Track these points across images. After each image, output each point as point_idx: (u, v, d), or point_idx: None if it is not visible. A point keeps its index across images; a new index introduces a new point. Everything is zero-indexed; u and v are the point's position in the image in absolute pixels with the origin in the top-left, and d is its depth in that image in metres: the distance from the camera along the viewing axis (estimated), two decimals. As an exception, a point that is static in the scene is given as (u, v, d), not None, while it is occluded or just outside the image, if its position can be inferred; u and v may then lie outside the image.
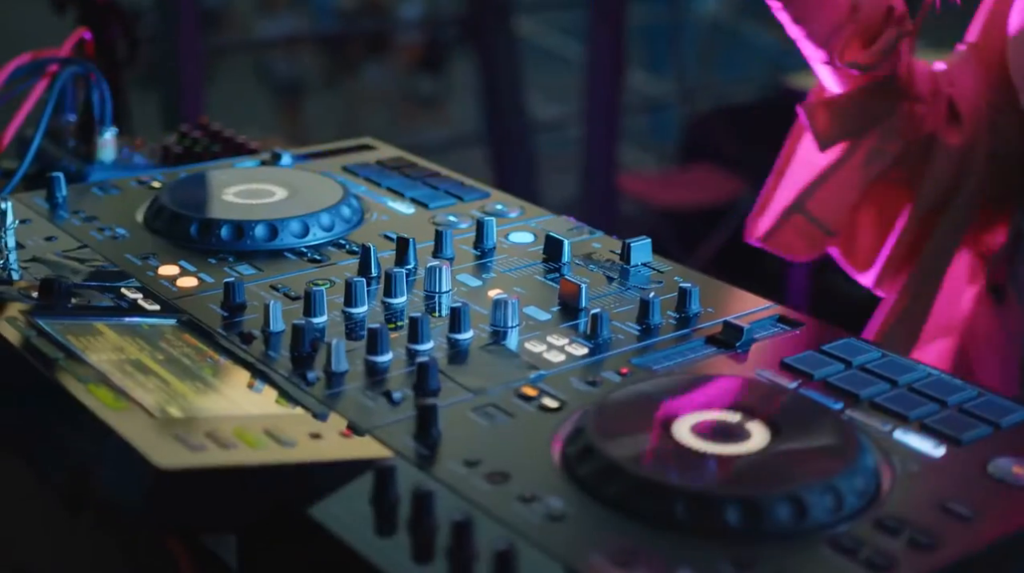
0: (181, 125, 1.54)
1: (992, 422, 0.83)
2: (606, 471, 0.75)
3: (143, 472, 0.70)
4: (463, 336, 0.94)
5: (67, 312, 0.92)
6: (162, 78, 2.85)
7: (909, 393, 0.87)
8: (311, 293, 0.96)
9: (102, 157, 1.38)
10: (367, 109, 5.79)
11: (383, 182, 1.25)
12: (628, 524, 0.73)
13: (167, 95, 2.82)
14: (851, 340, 0.95)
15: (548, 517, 0.73)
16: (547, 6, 5.25)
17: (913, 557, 0.70)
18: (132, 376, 0.83)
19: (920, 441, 0.81)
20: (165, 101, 2.80)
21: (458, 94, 5.60)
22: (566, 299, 1.00)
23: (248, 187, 1.19)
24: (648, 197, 3.79)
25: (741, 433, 0.79)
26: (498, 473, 0.77)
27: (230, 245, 1.09)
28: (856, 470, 0.75)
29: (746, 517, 0.72)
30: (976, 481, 0.78)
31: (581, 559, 0.69)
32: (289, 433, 0.78)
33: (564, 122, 4.71)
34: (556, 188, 4.32)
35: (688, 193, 3.84)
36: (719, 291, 1.03)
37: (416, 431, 0.81)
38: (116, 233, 1.12)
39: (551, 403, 0.85)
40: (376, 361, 0.90)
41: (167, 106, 2.82)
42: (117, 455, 0.72)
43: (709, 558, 0.70)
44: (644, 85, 4.81)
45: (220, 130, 1.51)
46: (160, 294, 1.00)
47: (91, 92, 1.39)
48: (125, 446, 0.72)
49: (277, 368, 0.89)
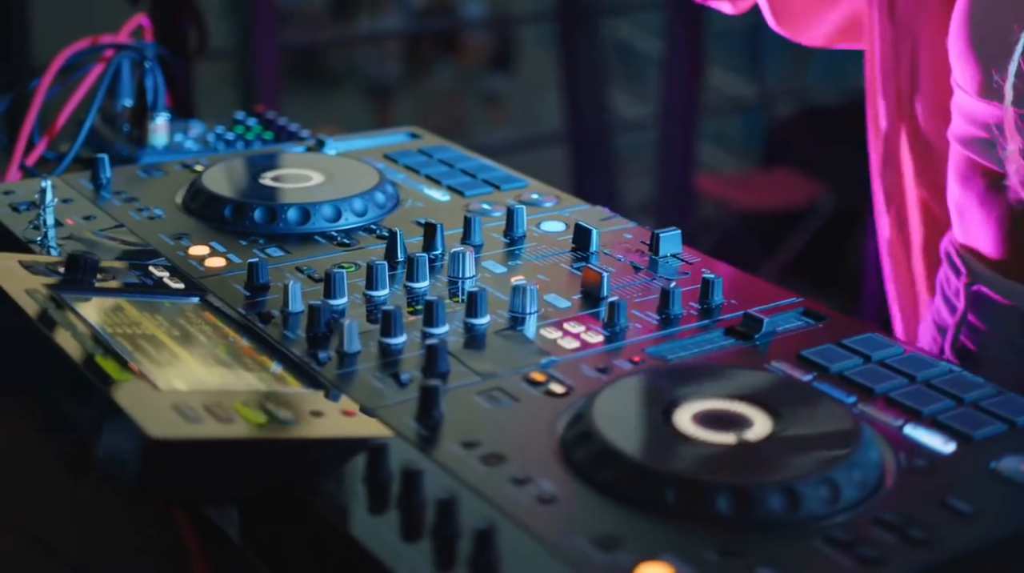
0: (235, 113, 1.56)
1: (1007, 420, 0.81)
2: (599, 456, 0.75)
3: (136, 440, 0.71)
4: (480, 321, 0.94)
5: (91, 288, 0.94)
6: (239, 74, 2.89)
7: (926, 389, 0.85)
8: (331, 275, 0.96)
9: (153, 142, 1.41)
10: (441, 108, 5.81)
11: (422, 170, 1.25)
12: (619, 510, 0.72)
13: (244, 91, 2.86)
14: (874, 335, 0.93)
15: (538, 499, 0.73)
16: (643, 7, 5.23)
17: (906, 553, 0.69)
18: (144, 350, 0.84)
19: (930, 437, 0.80)
20: (242, 97, 2.84)
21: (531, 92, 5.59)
22: (588, 288, 1.00)
23: (286, 172, 1.20)
24: (726, 199, 3.76)
25: (743, 423, 0.78)
26: (495, 455, 0.77)
27: (263, 228, 1.10)
28: (855, 463, 0.74)
29: (737, 506, 0.71)
30: (983, 479, 0.76)
31: (564, 542, 0.69)
32: (290, 410, 0.78)
33: (653, 123, 4.69)
34: (639, 189, 4.30)
35: (767, 196, 3.81)
36: (745, 284, 1.02)
37: (418, 412, 0.81)
38: (153, 214, 1.13)
39: (558, 389, 0.85)
40: (390, 343, 0.90)
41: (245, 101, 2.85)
42: (114, 423, 0.73)
43: (694, 545, 0.69)
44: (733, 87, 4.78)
45: (274, 119, 1.52)
46: (187, 273, 1.01)
47: (144, 78, 1.41)
48: (122, 414, 0.73)
49: (292, 347, 0.90)
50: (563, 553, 0.68)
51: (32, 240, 1.07)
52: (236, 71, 2.91)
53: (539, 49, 5.21)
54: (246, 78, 2.83)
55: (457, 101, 5.89)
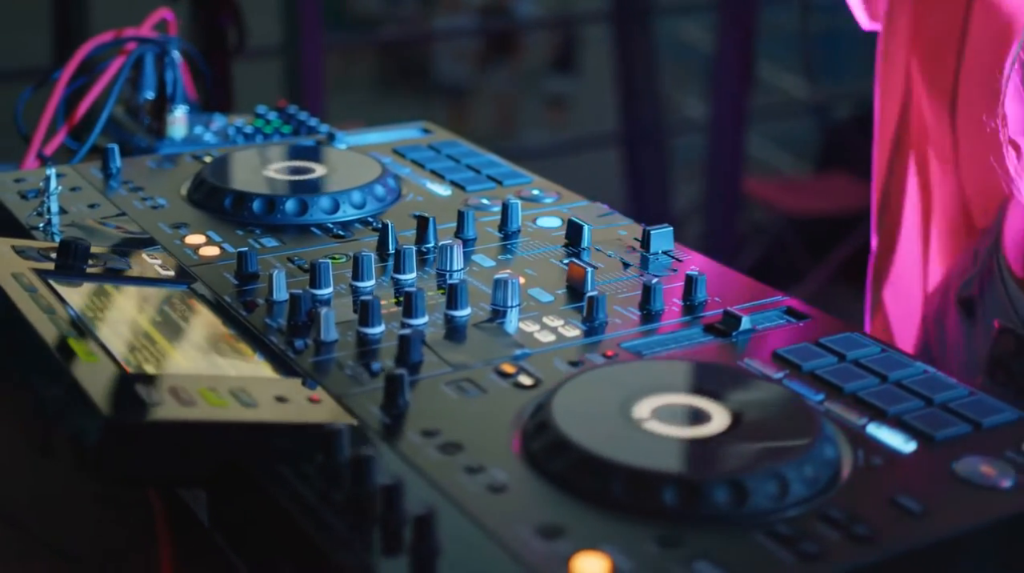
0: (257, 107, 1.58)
1: (973, 421, 0.81)
2: (552, 446, 0.76)
3: (94, 421, 0.72)
4: (460, 313, 0.95)
5: (81, 273, 0.95)
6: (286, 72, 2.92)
7: (896, 389, 0.85)
8: (316, 265, 0.98)
9: (171, 134, 1.43)
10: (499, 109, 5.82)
11: (428, 164, 1.26)
12: (568, 500, 0.72)
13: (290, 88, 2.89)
14: (853, 335, 0.93)
15: (489, 488, 0.74)
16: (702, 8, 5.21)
17: (846, 549, 0.69)
18: (121, 334, 0.86)
19: (892, 436, 0.79)
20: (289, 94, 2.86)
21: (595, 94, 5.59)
22: (573, 283, 1.00)
23: (290, 164, 1.21)
24: (774, 202, 3.74)
25: (702, 417, 0.79)
26: (453, 444, 0.78)
27: (262, 219, 1.12)
28: (807, 460, 0.74)
29: (683, 499, 0.71)
30: (939, 479, 0.75)
31: (507, 530, 0.69)
32: (255, 395, 0.80)
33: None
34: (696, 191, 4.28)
35: (817, 201, 3.78)
36: (733, 282, 1.02)
37: (383, 400, 0.82)
38: (157, 203, 1.15)
39: (526, 381, 0.86)
40: (367, 333, 0.91)
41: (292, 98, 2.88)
42: (77, 404, 0.75)
43: (636, 537, 0.69)
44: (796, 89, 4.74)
45: (295, 113, 1.54)
46: (181, 261, 1.03)
47: (164, 71, 1.44)
48: (83, 395, 0.74)
49: (272, 335, 0.91)
50: (503, 541, 0.69)
51: (35, 226, 1.09)
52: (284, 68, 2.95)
53: (604, 50, 5.21)
54: (292, 75, 2.86)
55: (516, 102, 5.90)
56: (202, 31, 2.21)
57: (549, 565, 0.67)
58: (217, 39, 2.18)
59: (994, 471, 0.76)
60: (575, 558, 0.67)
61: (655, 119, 4.38)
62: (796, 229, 3.76)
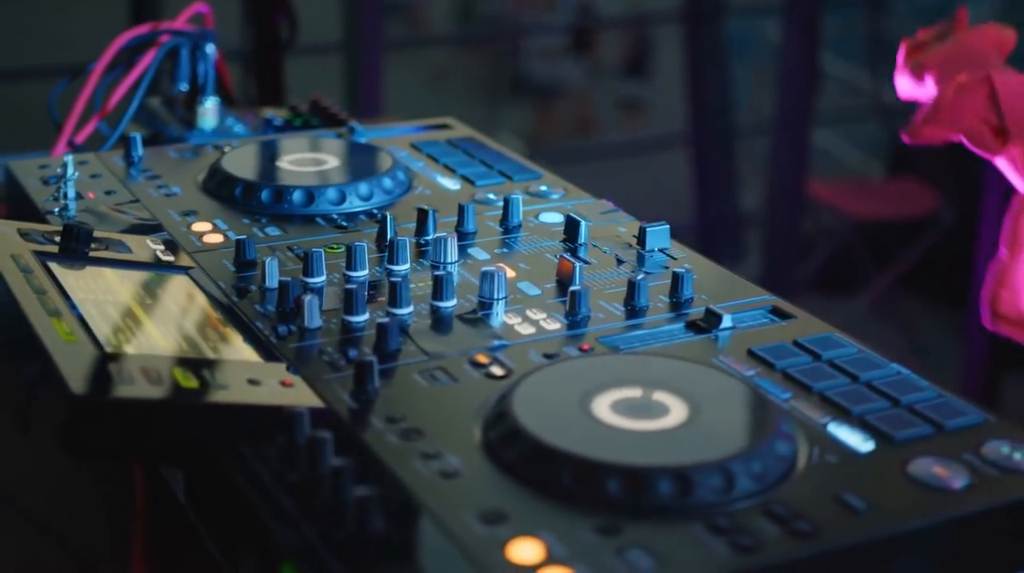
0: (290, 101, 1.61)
1: (936, 423, 0.81)
2: (507, 435, 0.77)
3: (63, 398, 0.75)
4: (445, 304, 0.96)
5: (83, 257, 0.98)
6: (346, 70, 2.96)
7: (865, 389, 0.85)
8: (309, 254, 1.00)
9: (202, 125, 1.46)
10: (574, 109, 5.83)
11: (442, 159, 1.28)
12: (518, 488, 0.74)
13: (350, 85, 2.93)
14: (832, 335, 0.93)
15: (441, 474, 0.75)
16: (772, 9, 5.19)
17: (782, 543, 0.69)
18: (108, 316, 0.89)
19: (851, 435, 0.80)
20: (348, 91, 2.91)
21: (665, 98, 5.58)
22: (562, 277, 1.01)
23: (304, 156, 1.24)
24: (838, 206, 3.70)
25: (659, 412, 0.79)
26: (414, 430, 0.80)
27: (270, 208, 1.14)
28: (756, 455, 0.75)
29: (627, 489, 0.72)
30: (891, 478, 0.76)
31: (450, 515, 0.71)
32: (228, 377, 0.82)
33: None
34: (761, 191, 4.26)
35: (884, 205, 3.74)
36: (722, 280, 1.03)
37: (353, 386, 0.84)
38: (171, 191, 1.18)
39: (498, 371, 0.87)
40: (351, 321, 0.93)
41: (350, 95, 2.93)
42: (50, 381, 0.77)
43: (575, 525, 0.70)
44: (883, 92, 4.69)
45: (328, 107, 1.57)
46: (184, 247, 1.06)
47: (196, 63, 1.47)
48: (56, 373, 0.77)
49: (259, 320, 0.94)
50: (444, 524, 0.70)
51: (50, 211, 1.13)
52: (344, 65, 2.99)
53: (675, 53, 5.20)
54: (351, 72, 2.90)
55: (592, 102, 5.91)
56: (254, 26, 2.25)
57: (485, 549, 0.68)
58: (269, 34, 2.21)
59: (947, 472, 0.76)
60: (511, 543, 0.69)
61: (724, 120, 4.36)
62: (863, 234, 3.73)
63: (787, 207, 3.45)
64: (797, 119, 3.36)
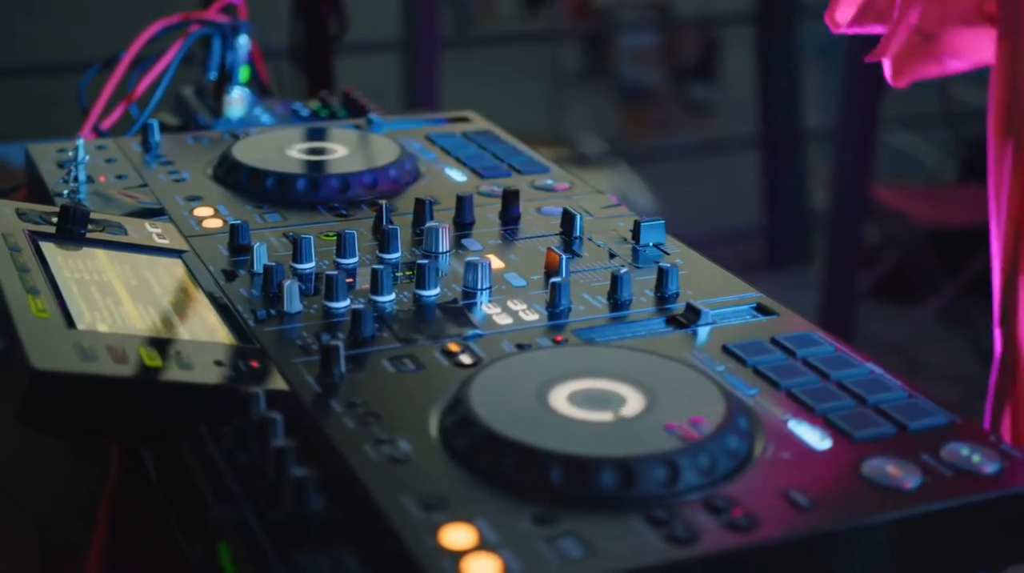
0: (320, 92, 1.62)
1: (900, 424, 0.80)
2: (459, 423, 0.77)
3: (24, 371, 0.76)
4: (428, 292, 0.97)
5: (79, 238, 1.00)
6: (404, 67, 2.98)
7: (834, 388, 0.84)
8: (299, 240, 1.01)
9: (228, 113, 1.48)
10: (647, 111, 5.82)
11: (453, 151, 1.29)
12: (463, 475, 0.74)
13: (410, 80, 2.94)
14: (811, 334, 0.92)
15: (390, 459, 0.76)
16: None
17: (716, 536, 0.69)
18: (89, 295, 0.90)
19: (810, 432, 0.79)
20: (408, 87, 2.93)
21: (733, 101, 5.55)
22: (549, 269, 1.01)
23: (314, 145, 1.25)
24: (906, 212, 3.65)
25: (615, 404, 0.79)
26: (372, 414, 0.80)
27: (274, 196, 1.15)
28: (704, 449, 0.74)
29: (569, 479, 0.72)
30: (844, 477, 0.75)
31: (390, 498, 0.71)
32: (194, 358, 0.83)
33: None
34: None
35: (952, 212, 3.68)
36: (713, 276, 1.02)
37: (319, 370, 0.85)
38: (181, 177, 1.20)
39: (467, 360, 0.87)
40: (331, 306, 0.94)
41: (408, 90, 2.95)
42: (15, 356, 0.79)
43: (514, 513, 0.70)
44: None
45: (357, 99, 1.58)
46: (183, 231, 1.07)
47: (224, 52, 1.49)
48: (20, 347, 0.78)
49: (242, 304, 0.95)
50: (382, 508, 0.71)
51: (59, 193, 1.15)
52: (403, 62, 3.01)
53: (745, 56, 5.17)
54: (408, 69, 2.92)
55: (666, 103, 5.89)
56: (303, 21, 2.27)
57: (417, 533, 0.69)
58: (318, 29, 2.24)
59: (900, 472, 0.75)
60: (444, 528, 0.69)
61: (794, 122, 4.33)
62: (929, 240, 3.67)
63: (850, 212, 3.41)
64: (861, 122, 3.31)
